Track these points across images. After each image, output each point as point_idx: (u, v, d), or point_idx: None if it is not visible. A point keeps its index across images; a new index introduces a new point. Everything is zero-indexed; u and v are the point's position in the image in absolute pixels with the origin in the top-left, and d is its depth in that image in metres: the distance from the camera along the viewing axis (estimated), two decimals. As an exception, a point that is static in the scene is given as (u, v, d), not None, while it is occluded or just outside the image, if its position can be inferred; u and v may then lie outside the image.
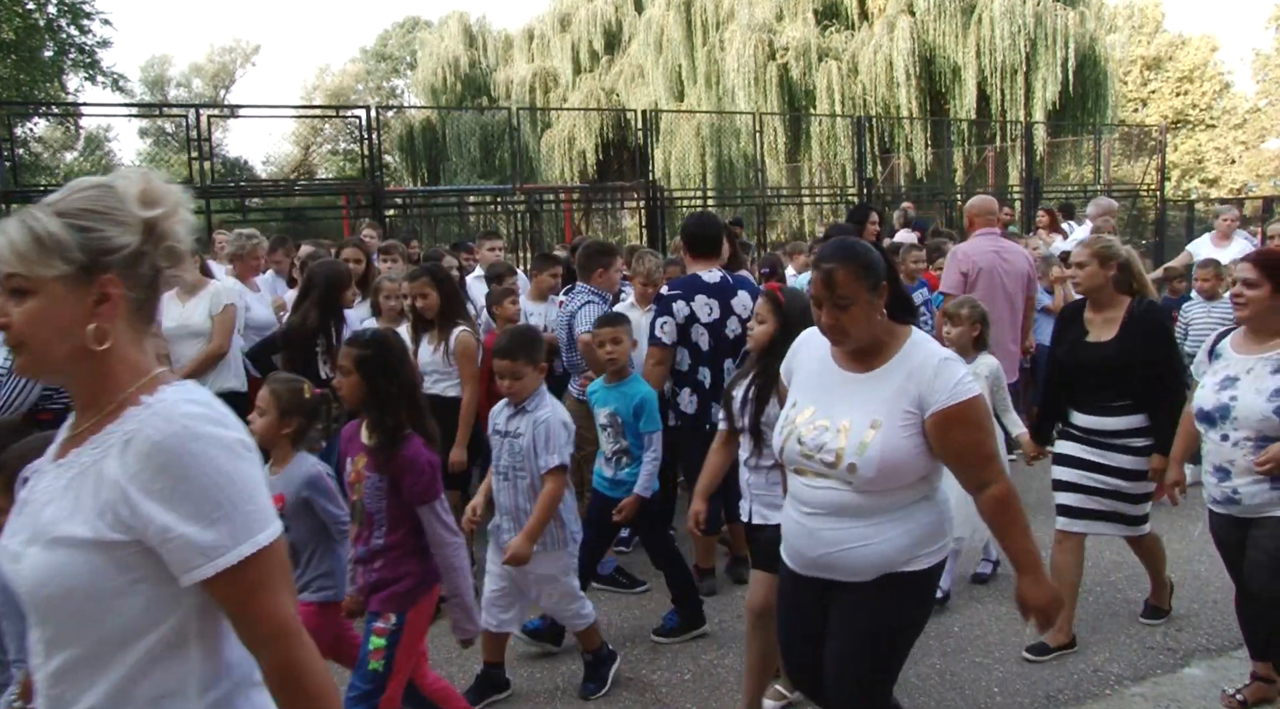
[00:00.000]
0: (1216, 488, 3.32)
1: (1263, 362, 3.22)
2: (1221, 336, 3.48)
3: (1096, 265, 3.82)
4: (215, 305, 5.03)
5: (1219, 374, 3.34)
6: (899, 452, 2.34)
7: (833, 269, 2.33)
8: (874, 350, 2.44)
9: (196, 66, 38.87)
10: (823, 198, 18.61)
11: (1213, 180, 35.30)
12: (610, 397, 4.12)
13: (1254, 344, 3.29)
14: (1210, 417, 3.31)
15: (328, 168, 36.56)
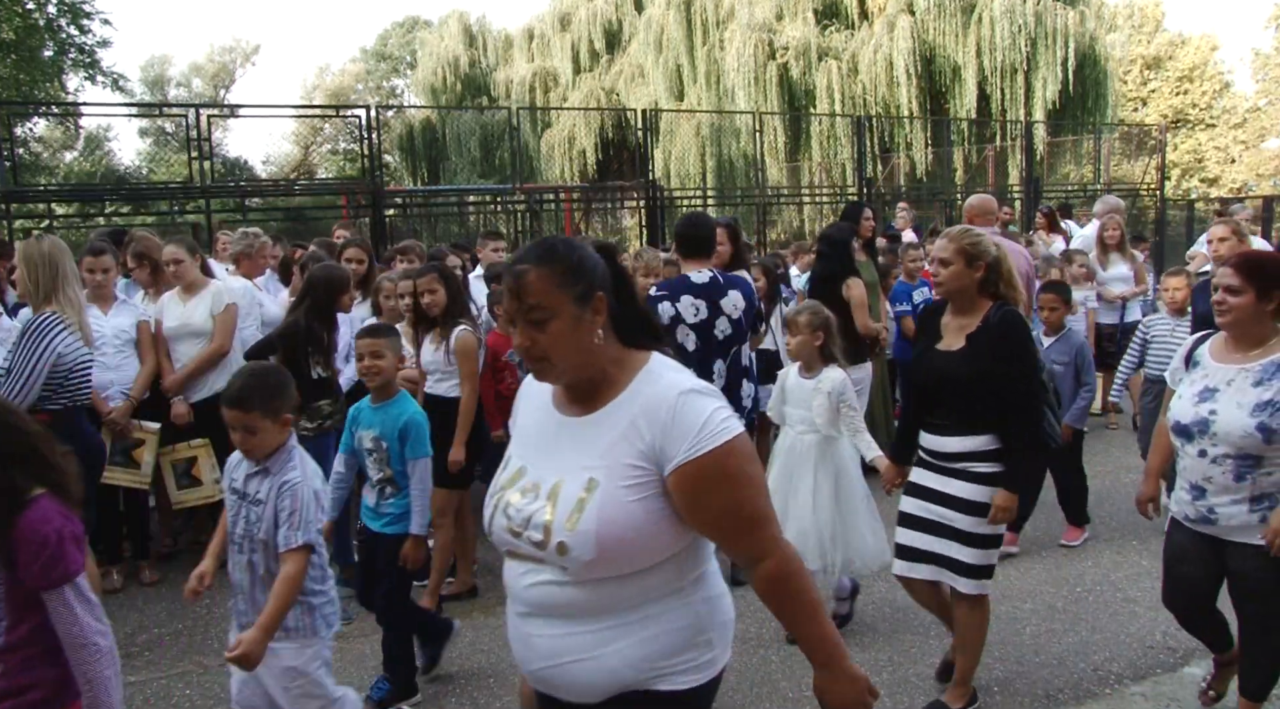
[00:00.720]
0: (1190, 505, 3.06)
1: (1244, 373, 2.97)
2: (1200, 342, 3.21)
3: (962, 264, 3.33)
4: (217, 305, 5.03)
5: (1197, 385, 3.07)
6: (625, 523, 1.67)
7: (524, 272, 1.71)
8: (596, 385, 1.77)
9: (196, 66, 38.87)
10: (823, 197, 18.61)
11: (1213, 180, 35.30)
12: (374, 418, 3.56)
13: (1235, 353, 3.03)
14: (1188, 430, 3.04)
15: (328, 168, 36.55)
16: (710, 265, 4.64)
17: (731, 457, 1.68)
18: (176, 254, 5.10)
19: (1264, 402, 2.88)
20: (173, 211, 13.62)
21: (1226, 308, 3.00)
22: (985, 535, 3.31)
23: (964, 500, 3.30)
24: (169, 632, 4.47)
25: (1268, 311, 2.96)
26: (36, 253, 3.96)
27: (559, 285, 1.70)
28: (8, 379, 3.82)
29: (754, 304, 4.66)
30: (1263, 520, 2.91)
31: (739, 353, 4.63)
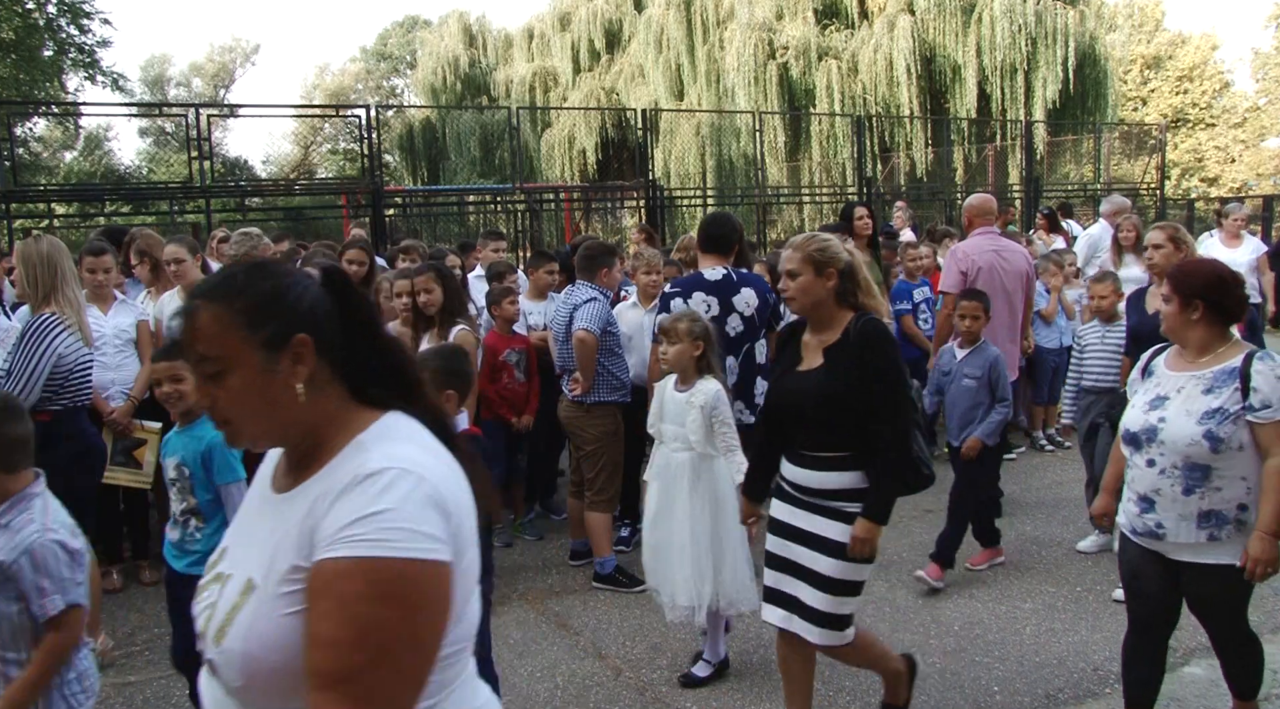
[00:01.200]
0: (1139, 519, 2.95)
1: (1194, 380, 2.90)
2: (1158, 353, 3.16)
3: (811, 274, 2.96)
4: None
5: (1149, 393, 3.01)
6: (276, 644, 1.22)
7: (193, 310, 1.33)
8: (308, 453, 1.35)
9: (196, 66, 38.86)
10: (823, 197, 18.61)
11: (1212, 179, 35.30)
12: (176, 443, 3.23)
13: (1186, 361, 2.98)
14: (1136, 438, 2.95)
15: (327, 167, 36.54)
16: (725, 263, 4.68)
17: (375, 581, 1.15)
18: (178, 253, 5.10)
19: (1212, 409, 2.82)
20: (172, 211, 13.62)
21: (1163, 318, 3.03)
22: (846, 581, 2.98)
23: (831, 541, 2.95)
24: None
25: (1195, 320, 2.91)
26: (35, 253, 3.95)
27: (239, 327, 1.29)
28: (8, 380, 3.81)
29: (768, 302, 4.67)
30: (1211, 539, 2.83)
31: (752, 350, 4.65)
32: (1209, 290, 2.90)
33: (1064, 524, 5.44)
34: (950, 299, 5.68)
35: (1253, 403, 2.79)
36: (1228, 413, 2.80)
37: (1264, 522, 2.76)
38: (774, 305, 4.68)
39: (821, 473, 2.99)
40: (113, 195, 15.41)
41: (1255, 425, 2.79)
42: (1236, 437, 2.79)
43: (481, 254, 6.84)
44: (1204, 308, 2.88)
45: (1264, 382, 2.79)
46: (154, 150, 32.95)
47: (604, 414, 4.90)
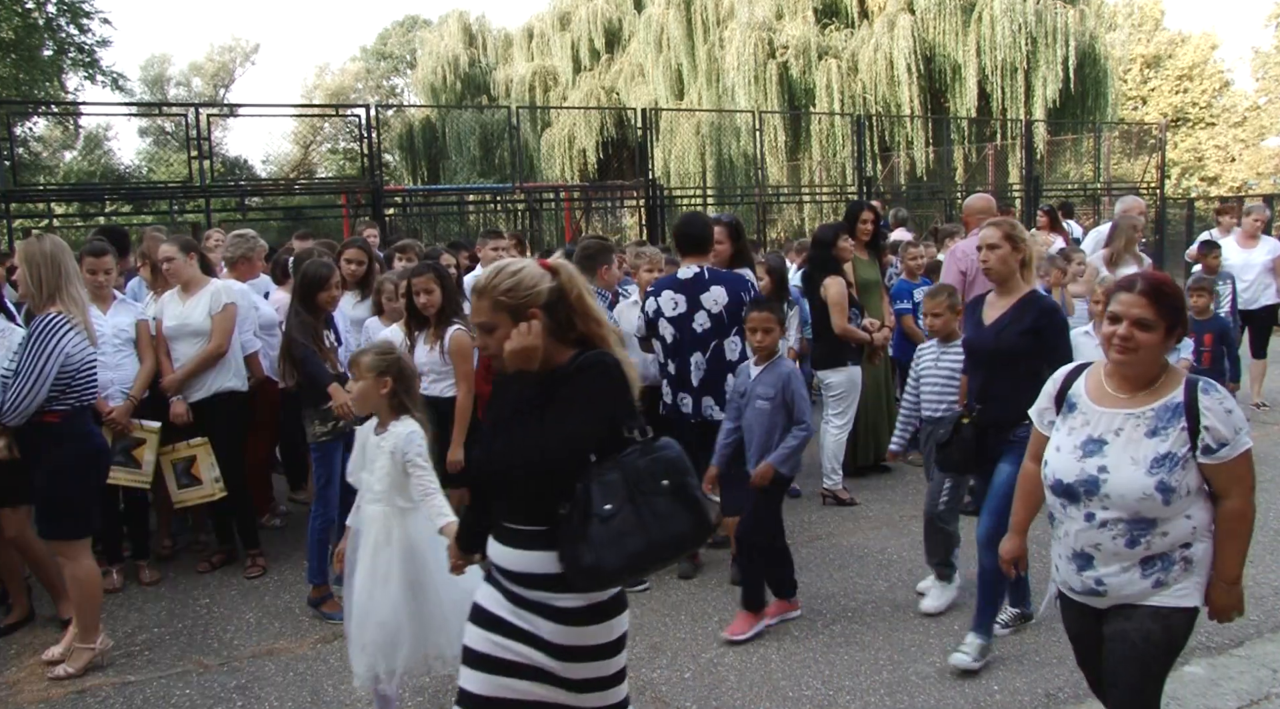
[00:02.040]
0: (1076, 577, 2.60)
1: (1134, 419, 2.50)
2: (1072, 377, 2.70)
3: (507, 319, 2.30)
4: (215, 305, 5.03)
5: (1078, 434, 2.59)
6: None
7: None
8: None
9: (196, 65, 38.85)
10: (823, 196, 18.61)
11: (1212, 178, 35.31)
12: None
13: (1121, 393, 2.56)
14: (1073, 491, 2.55)
15: (327, 167, 36.54)
16: (703, 262, 4.77)
17: None
18: (168, 252, 5.10)
19: (1161, 456, 2.44)
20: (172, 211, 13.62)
21: (1133, 345, 2.47)
22: (604, 677, 2.33)
23: (552, 646, 2.28)
24: (169, 631, 4.47)
25: (1167, 346, 2.53)
26: (39, 252, 3.94)
27: None
28: (15, 381, 3.81)
29: (742, 300, 4.71)
30: (1157, 585, 2.50)
31: (720, 347, 4.72)
32: (1185, 316, 2.54)
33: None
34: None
35: (1207, 443, 2.42)
36: (1177, 458, 2.43)
37: (1223, 570, 2.51)
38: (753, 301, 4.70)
39: (521, 551, 2.30)
40: (112, 195, 15.40)
41: (1208, 467, 2.44)
42: (1187, 482, 2.45)
43: (482, 253, 6.84)
44: (1177, 335, 2.53)
45: (1215, 418, 2.43)
46: (154, 150, 32.94)
47: None
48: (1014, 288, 3.89)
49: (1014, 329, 3.80)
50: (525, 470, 2.23)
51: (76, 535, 3.98)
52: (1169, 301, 2.48)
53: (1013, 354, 3.78)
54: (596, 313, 2.41)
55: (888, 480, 6.61)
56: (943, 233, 8.54)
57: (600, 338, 2.39)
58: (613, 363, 2.32)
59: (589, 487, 2.20)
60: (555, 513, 2.23)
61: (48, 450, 3.93)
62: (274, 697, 3.80)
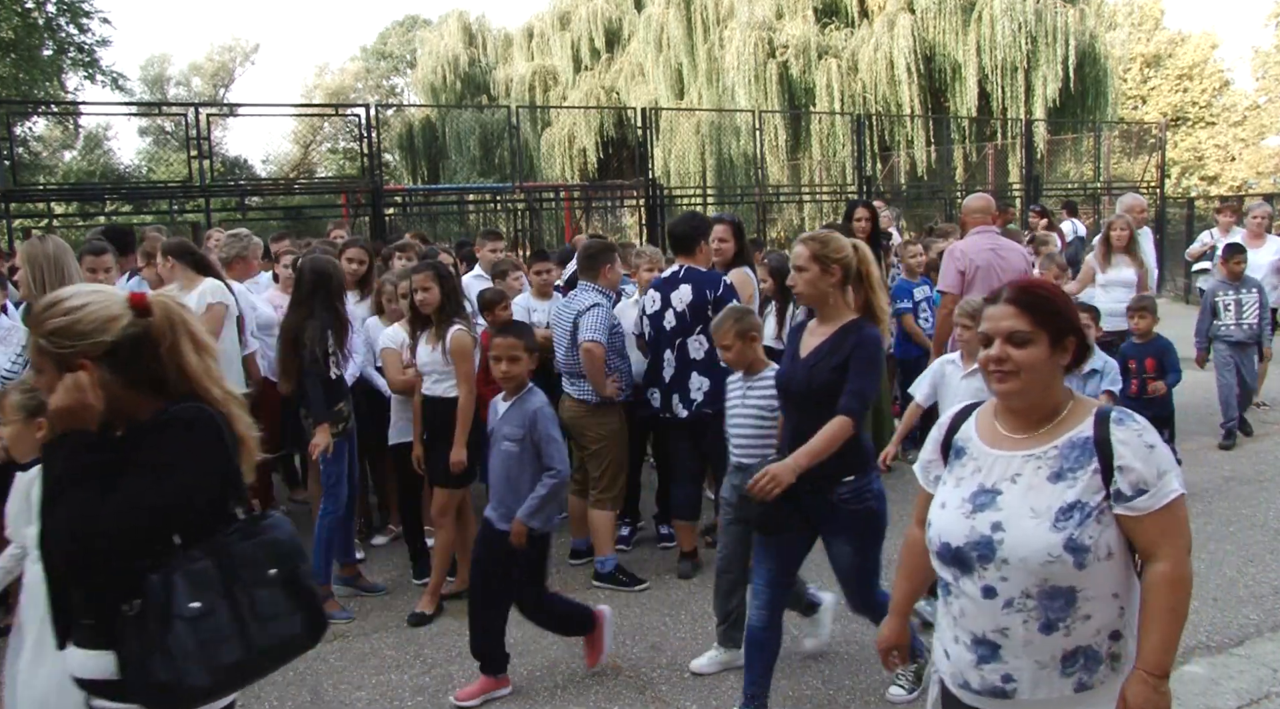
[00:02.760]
0: (975, 671, 1.98)
1: (1034, 462, 1.95)
2: (961, 418, 2.15)
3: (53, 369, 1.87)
4: (200, 305, 5.02)
5: (966, 484, 2.02)
6: None
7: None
8: None
9: (196, 65, 38.85)
10: (823, 196, 18.62)
11: (1212, 177, 35.30)
12: None
13: (1017, 433, 2.01)
14: (963, 557, 1.96)
15: (327, 166, 36.55)
16: (688, 261, 4.91)
17: None
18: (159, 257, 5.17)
19: (1069, 504, 1.88)
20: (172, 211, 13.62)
21: (1012, 369, 1.95)
22: None
23: None
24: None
25: (1061, 367, 2.00)
26: (41, 253, 3.94)
27: None
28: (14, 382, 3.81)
29: (706, 299, 4.77)
30: (1080, 688, 1.93)
31: (685, 344, 4.82)
32: (1075, 321, 2.01)
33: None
34: (949, 298, 5.68)
35: (1121, 488, 1.88)
36: (1090, 508, 1.88)
37: (1148, 658, 1.91)
38: (716, 300, 4.75)
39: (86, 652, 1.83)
40: (112, 195, 15.40)
41: (1127, 520, 1.89)
42: (1105, 540, 1.88)
43: (480, 253, 6.85)
44: (1075, 349, 2.00)
45: (1133, 454, 1.88)
46: (154, 149, 32.92)
47: (608, 413, 4.93)
48: (834, 314, 3.28)
49: (829, 364, 3.17)
50: (72, 555, 1.72)
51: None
52: (1045, 306, 1.97)
53: (828, 394, 3.15)
54: (196, 366, 1.88)
55: (887, 480, 6.57)
56: (940, 231, 8.50)
57: (202, 390, 1.88)
58: (205, 418, 1.83)
59: (170, 577, 1.72)
60: (119, 610, 1.74)
61: None
62: (274, 696, 3.81)
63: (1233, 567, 4.79)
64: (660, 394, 4.91)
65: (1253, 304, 7.07)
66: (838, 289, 3.25)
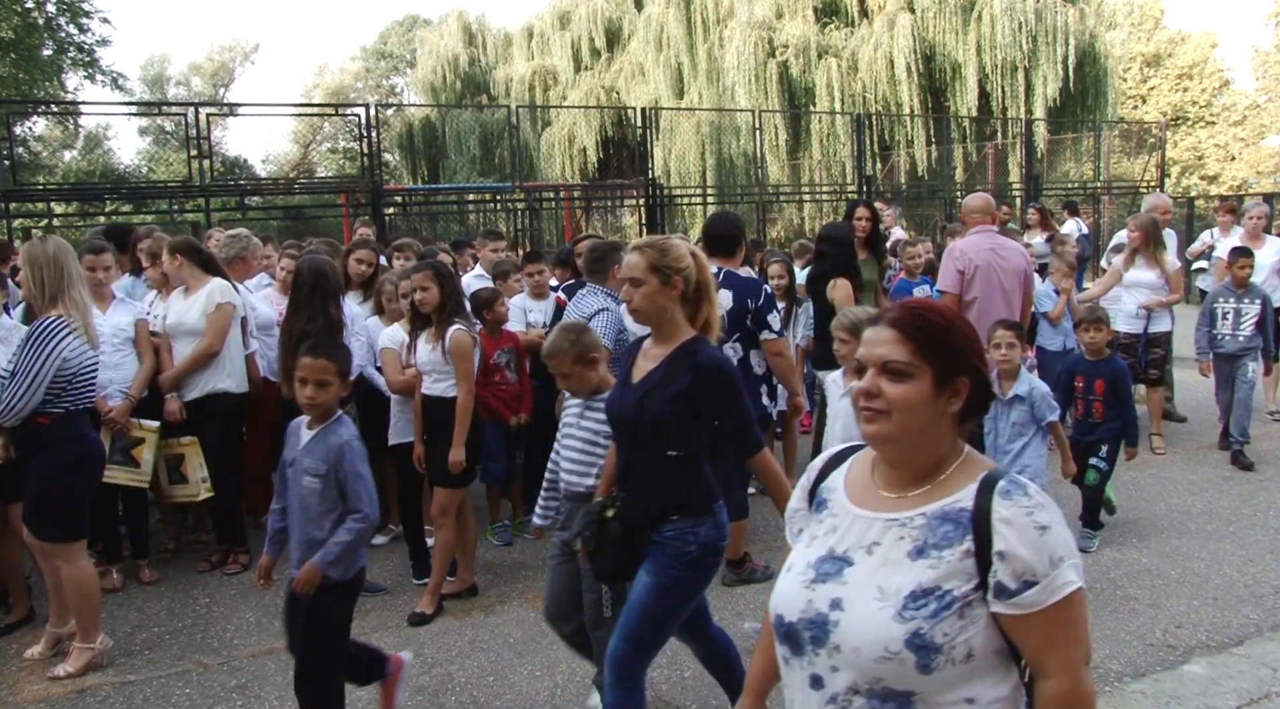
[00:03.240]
0: None
1: (897, 529, 1.55)
2: (835, 462, 1.76)
3: None
4: (209, 304, 5.03)
5: (819, 545, 1.64)
6: None
7: None
8: None
9: (195, 65, 38.88)
10: (823, 195, 18.62)
11: (1212, 177, 35.31)
12: None
13: (889, 490, 1.62)
14: (794, 635, 1.59)
15: (327, 166, 36.57)
16: (727, 264, 4.79)
17: None
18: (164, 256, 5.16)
19: (924, 589, 1.48)
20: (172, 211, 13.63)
21: (882, 408, 1.55)
22: None
23: None
24: (169, 631, 4.47)
25: (948, 414, 1.57)
26: (41, 254, 3.94)
27: None
28: (11, 382, 3.81)
29: (747, 306, 4.69)
30: None
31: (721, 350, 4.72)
32: (973, 357, 1.60)
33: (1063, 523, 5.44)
34: (948, 298, 5.67)
35: (1002, 580, 1.45)
36: (951, 598, 1.46)
37: None
38: (756, 310, 4.69)
39: None
40: (112, 194, 15.41)
41: (1009, 620, 1.47)
42: (964, 640, 1.47)
43: (481, 253, 6.84)
44: (970, 393, 1.57)
45: (1019, 538, 1.46)
46: (153, 149, 32.97)
47: None
48: (671, 332, 2.85)
49: (663, 392, 2.76)
50: None
51: (69, 537, 3.98)
52: (933, 334, 1.56)
53: (661, 427, 2.76)
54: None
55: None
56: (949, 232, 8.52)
57: None
58: None
59: None
60: None
61: (39, 452, 3.93)
62: (274, 696, 3.80)
63: (1233, 566, 4.79)
64: None
65: (1252, 315, 6.66)
66: (678, 304, 2.85)
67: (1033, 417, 4.69)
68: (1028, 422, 4.69)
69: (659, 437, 2.78)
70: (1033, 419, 4.69)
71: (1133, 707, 3.52)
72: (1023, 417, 4.69)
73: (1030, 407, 4.68)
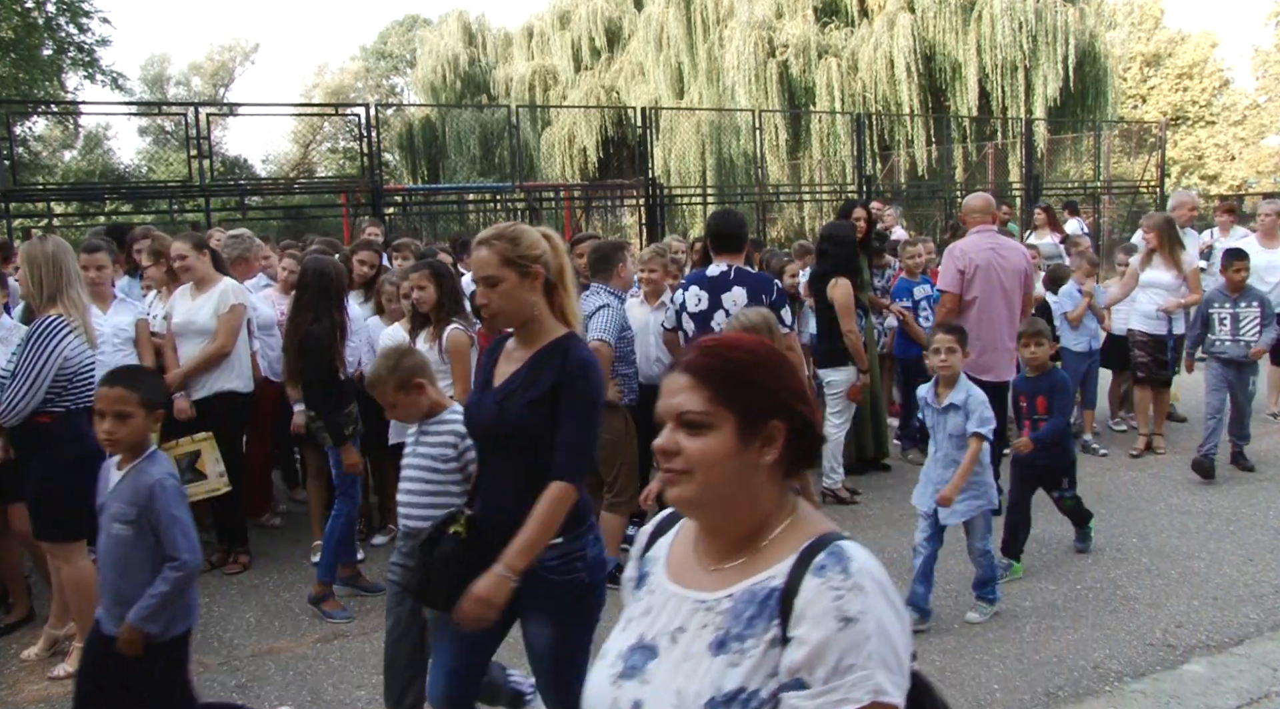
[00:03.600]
0: None
1: (703, 613, 1.31)
2: (666, 524, 1.52)
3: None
4: (222, 305, 5.02)
5: (632, 630, 1.39)
6: None
7: None
8: None
9: (196, 65, 38.87)
10: (823, 195, 18.62)
11: (1212, 177, 35.33)
12: None
13: (710, 557, 1.37)
14: None
15: (327, 166, 36.56)
16: (735, 261, 4.90)
17: None
18: (181, 250, 5.10)
19: (727, 695, 1.22)
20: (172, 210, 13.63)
21: (682, 466, 1.32)
22: None
23: None
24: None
25: (763, 466, 1.32)
26: (40, 254, 3.94)
27: None
28: (11, 382, 3.81)
29: (760, 302, 4.74)
30: None
31: None
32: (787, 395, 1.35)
33: (1063, 522, 5.44)
34: (949, 297, 5.68)
35: (792, 662, 1.19)
36: (759, 701, 1.21)
37: None
38: (770, 306, 4.72)
39: None
40: (112, 194, 15.42)
41: None
42: None
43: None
44: (786, 438, 1.33)
45: (814, 622, 1.20)
46: (153, 149, 32.97)
47: (613, 416, 4.91)
48: (538, 331, 2.52)
49: (524, 397, 2.45)
50: None
51: (69, 537, 3.98)
52: (732, 374, 1.32)
53: (523, 435, 2.45)
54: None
55: (888, 478, 6.61)
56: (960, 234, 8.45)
57: None
58: None
59: None
60: None
61: (39, 452, 3.93)
62: (274, 696, 3.80)
63: (1233, 566, 4.79)
64: None
65: (1252, 319, 6.26)
66: (542, 297, 2.52)
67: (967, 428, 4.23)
68: (965, 433, 4.22)
69: (521, 445, 2.46)
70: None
71: (1133, 707, 3.52)
72: (959, 427, 4.23)
73: (965, 417, 4.22)
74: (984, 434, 4.17)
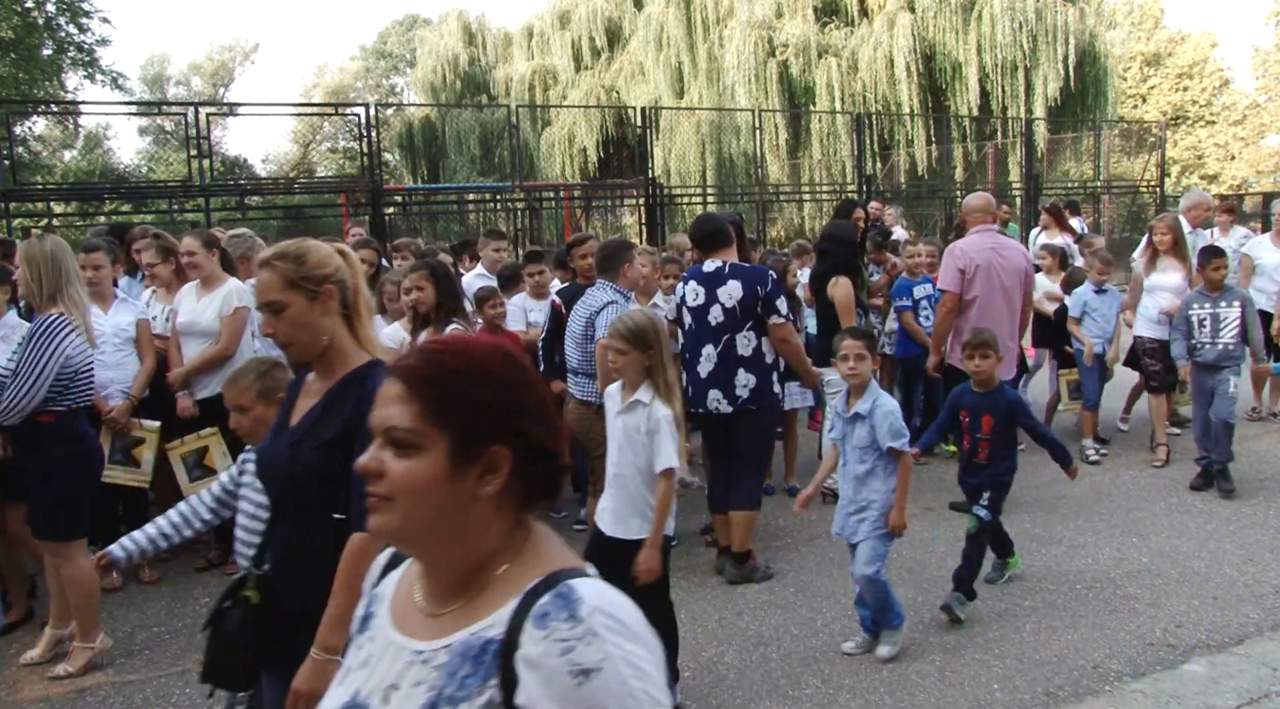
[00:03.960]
0: None
1: (418, 668, 1.12)
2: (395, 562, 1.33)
3: None
4: (226, 306, 5.01)
5: (349, 682, 1.20)
6: None
7: None
8: None
9: (195, 65, 38.87)
10: (823, 195, 18.62)
11: (1212, 176, 35.32)
12: None
13: (431, 601, 1.17)
14: None
15: (327, 166, 36.56)
16: (727, 256, 4.92)
17: None
18: (191, 246, 5.10)
19: None
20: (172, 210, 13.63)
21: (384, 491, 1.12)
22: None
23: None
24: (168, 630, 4.47)
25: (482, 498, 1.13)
26: (39, 253, 3.94)
27: None
28: (14, 380, 3.81)
29: (756, 294, 4.77)
30: None
31: (733, 340, 4.79)
32: (516, 416, 1.15)
33: (1064, 522, 5.44)
34: (949, 297, 5.68)
35: None
36: None
37: None
38: (765, 296, 4.75)
39: None
40: (112, 194, 15.41)
41: None
42: None
43: (483, 253, 6.84)
44: (511, 461, 1.13)
45: (543, 688, 1.02)
46: (153, 149, 32.96)
47: None
48: (338, 360, 2.20)
49: (318, 438, 2.12)
50: None
51: (69, 536, 3.98)
52: (448, 385, 1.13)
53: (317, 485, 2.11)
54: None
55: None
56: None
57: None
58: None
59: None
60: None
61: (40, 450, 3.93)
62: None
63: (1233, 566, 4.78)
64: (694, 388, 4.87)
65: (1233, 320, 5.88)
66: (340, 321, 2.21)
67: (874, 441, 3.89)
68: (871, 444, 3.89)
69: (318, 495, 2.10)
70: (875, 443, 3.89)
71: (1133, 706, 3.52)
72: (866, 439, 3.91)
73: (870, 429, 3.88)
74: (899, 448, 3.83)
